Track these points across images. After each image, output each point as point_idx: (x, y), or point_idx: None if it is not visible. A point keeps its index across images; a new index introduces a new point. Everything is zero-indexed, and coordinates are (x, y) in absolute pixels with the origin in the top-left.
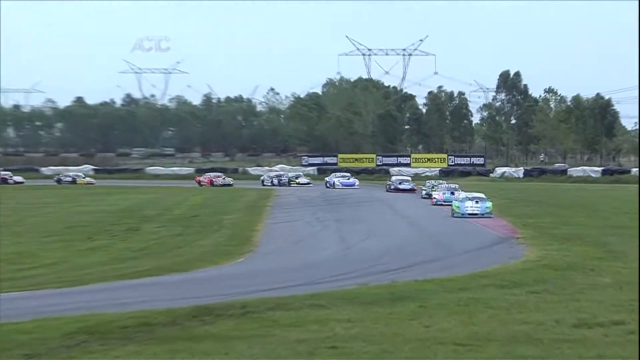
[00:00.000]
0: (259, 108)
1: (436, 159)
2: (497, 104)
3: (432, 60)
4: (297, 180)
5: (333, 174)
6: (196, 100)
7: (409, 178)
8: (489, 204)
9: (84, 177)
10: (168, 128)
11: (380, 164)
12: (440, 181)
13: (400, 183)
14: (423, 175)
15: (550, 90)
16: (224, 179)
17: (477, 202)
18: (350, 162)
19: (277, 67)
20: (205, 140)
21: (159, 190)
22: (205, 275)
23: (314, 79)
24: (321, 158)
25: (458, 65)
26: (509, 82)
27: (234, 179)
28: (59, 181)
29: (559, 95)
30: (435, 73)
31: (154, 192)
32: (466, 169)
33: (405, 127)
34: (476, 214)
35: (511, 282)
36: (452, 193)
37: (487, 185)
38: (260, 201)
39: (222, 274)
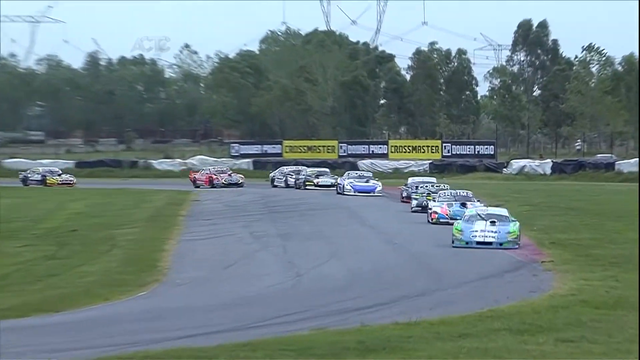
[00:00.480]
0: (168, 73)
1: (425, 148)
2: (514, 67)
3: (420, 5)
4: (316, 181)
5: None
6: (76, 62)
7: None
8: (512, 226)
9: None
10: (35, 102)
11: (345, 154)
12: (432, 181)
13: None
14: (406, 170)
15: (591, 48)
16: (230, 175)
17: (492, 223)
18: (301, 151)
19: (195, 14)
20: (89, 120)
21: (23, 192)
22: (89, 316)
23: (248, 31)
24: (259, 146)
25: (457, 13)
26: (532, 37)
27: (127, 178)
28: None
29: (604, 56)
30: (424, 23)
31: (17, 194)
32: (469, 162)
33: (381, 101)
34: (490, 244)
35: (534, 326)
36: (464, 204)
37: (499, 186)
38: (170, 208)
39: (115, 315)
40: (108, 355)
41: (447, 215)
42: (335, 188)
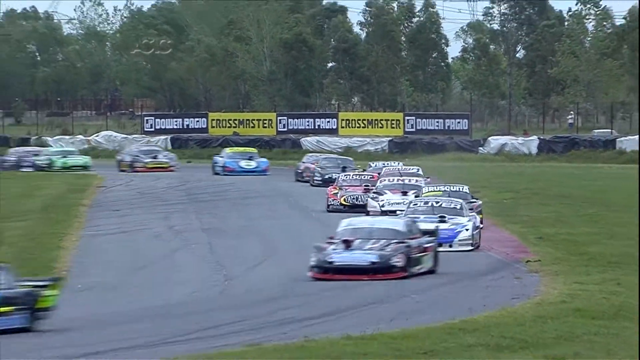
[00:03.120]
0: (67, 30)
1: (384, 122)
2: (493, 24)
3: None
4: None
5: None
6: None
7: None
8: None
9: None
10: None
11: (285, 129)
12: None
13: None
14: (361, 150)
15: (587, 0)
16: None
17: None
18: (230, 126)
19: None
20: None
21: None
22: None
23: None
24: (179, 120)
25: None
26: None
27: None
28: None
29: (602, 8)
30: None
31: None
32: (438, 140)
33: (329, 64)
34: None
35: (516, 341)
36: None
37: (474, 169)
38: (70, 197)
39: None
40: None
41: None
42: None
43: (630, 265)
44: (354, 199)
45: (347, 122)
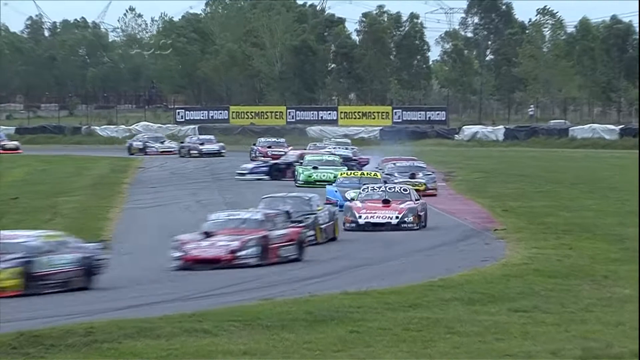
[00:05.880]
0: (111, 37)
1: (376, 114)
2: (467, 32)
3: None
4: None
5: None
6: (16, 26)
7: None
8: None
9: None
10: None
11: (293, 120)
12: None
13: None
14: (356, 137)
15: (545, 12)
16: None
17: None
18: (248, 117)
19: None
20: (30, 85)
21: None
22: None
23: None
24: (205, 112)
25: None
26: (485, 1)
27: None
28: None
29: (558, 19)
30: None
31: None
32: (420, 128)
33: (330, 65)
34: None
35: (485, 296)
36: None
37: (450, 152)
38: (114, 176)
39: None
40: (53, 325)
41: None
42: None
43: (580, 232)
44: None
45: (345, 114)
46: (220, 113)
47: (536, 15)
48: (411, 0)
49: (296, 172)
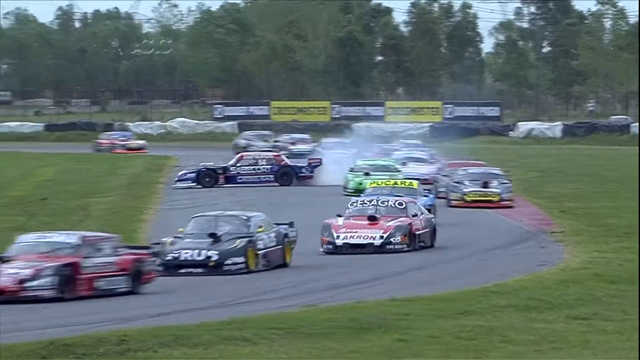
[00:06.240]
0: (145, 29)
1: (425, 110)
2: (522, 23)
3: None
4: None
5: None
6: (46, 16)
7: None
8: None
9: None
10: (1, 59)
11: (337, 116)
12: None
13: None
14: (405, 133)
15: (605, 1)
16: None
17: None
18: (290, 113)
19: None
20: (60, 79)
21: None
22: None
23: None
24: (244, 108)
25: None
26: None
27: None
28: None
29: (619, 9)
30: None
31: None
32: (472, 125)
33: (377, 58)
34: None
35: (542, 302)
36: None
37: (504, 150)
38: (148, 175)
39: None
40: (84, 333)
41: None
42: None
43: None
44: None
45: (393, 109)
46: (261, 109)
47: (596, 4)
48: None
49: (345, 179)
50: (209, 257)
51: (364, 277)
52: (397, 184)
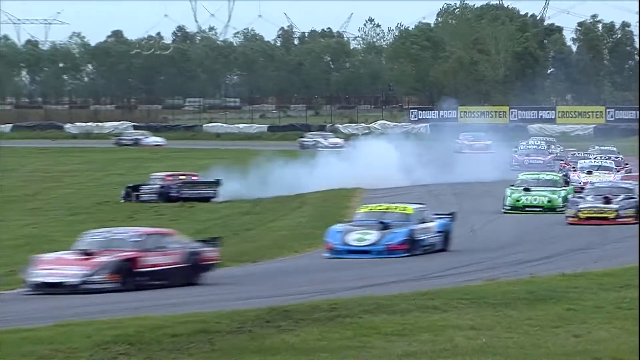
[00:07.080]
0: (353, 45)
1: (590, 114)
2: None
3: None
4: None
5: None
6: (270, 35)
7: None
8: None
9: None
10: (232, 72)
11: (515, 119)
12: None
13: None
14: (573, 134)
15: None
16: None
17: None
18: (474, 117)
19: None
20: (281, 88)
21: (223, 152)
22: (281, 266)
23: (426, 5)
24: (435, 112)
25: None
26: None
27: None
28: (119, 143)
29: None
30: None
31: (220, 154)
32: (630, 126)
33: (549, 70)
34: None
35: None
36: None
37: None
38: None
39: (304, 266)
40: (301, 301)
41: None
42: None
43: None
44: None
45: (562, 113)
46: (450, 112)
47: None
48: (623, 8)
49: (505, 194)
50: None
51: (537, 255)
52: (390, 210)
